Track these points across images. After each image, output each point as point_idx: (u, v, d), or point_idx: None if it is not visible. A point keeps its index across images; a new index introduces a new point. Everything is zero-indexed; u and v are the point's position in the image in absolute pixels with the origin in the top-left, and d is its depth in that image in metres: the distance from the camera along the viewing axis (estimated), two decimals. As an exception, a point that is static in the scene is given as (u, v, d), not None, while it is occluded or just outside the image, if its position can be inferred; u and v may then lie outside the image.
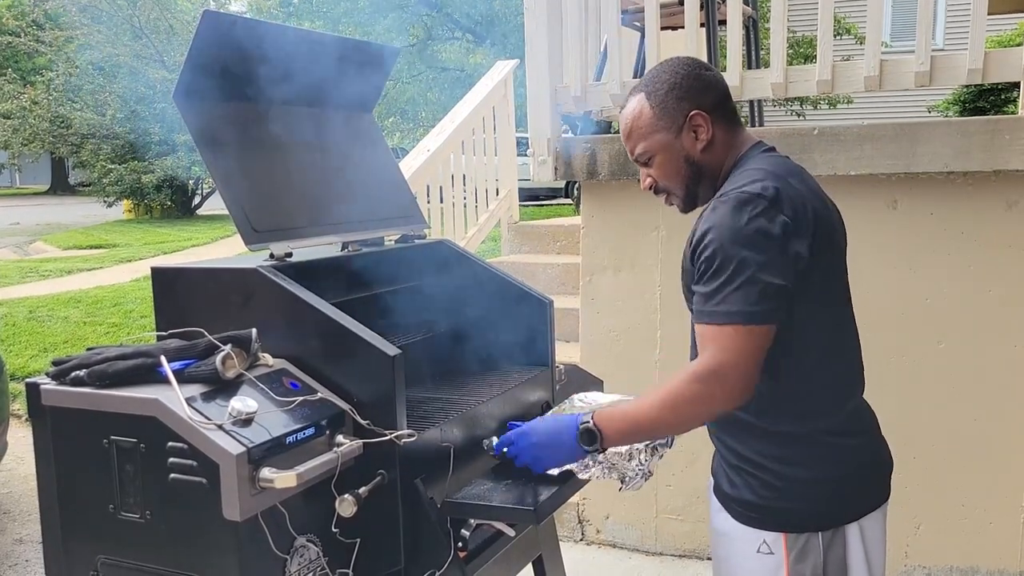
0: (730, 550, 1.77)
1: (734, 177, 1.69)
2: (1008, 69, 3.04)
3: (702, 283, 1.60)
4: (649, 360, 3.57)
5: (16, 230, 17.04)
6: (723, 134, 1.73)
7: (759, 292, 1.53)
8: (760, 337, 1.56)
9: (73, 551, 1.74)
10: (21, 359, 6.16)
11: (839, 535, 1.67)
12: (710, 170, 1.74)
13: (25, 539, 4.01)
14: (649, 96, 1.74)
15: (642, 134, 1.75)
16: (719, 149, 1.73)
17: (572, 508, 3.84)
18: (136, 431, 1.60)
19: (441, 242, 2.50)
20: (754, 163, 1.70)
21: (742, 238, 1.55)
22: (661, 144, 1.73)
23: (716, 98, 1.73)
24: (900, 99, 13.25)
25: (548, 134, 3.62)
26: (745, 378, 1.55)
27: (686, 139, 1.72)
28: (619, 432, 1.68)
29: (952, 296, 3.15)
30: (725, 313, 1.55)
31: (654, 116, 1.72)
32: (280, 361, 1.80)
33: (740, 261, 1.54)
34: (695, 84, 1.71)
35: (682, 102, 1.70)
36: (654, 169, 1.77)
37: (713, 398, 1.57)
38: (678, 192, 1.79)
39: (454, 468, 1.86)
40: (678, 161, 1.74)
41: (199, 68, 1.90)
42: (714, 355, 1.56)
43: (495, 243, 6.93)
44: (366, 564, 1.76)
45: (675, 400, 1.59)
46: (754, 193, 1.58)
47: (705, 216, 1.64)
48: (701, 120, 1.70)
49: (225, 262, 1.99)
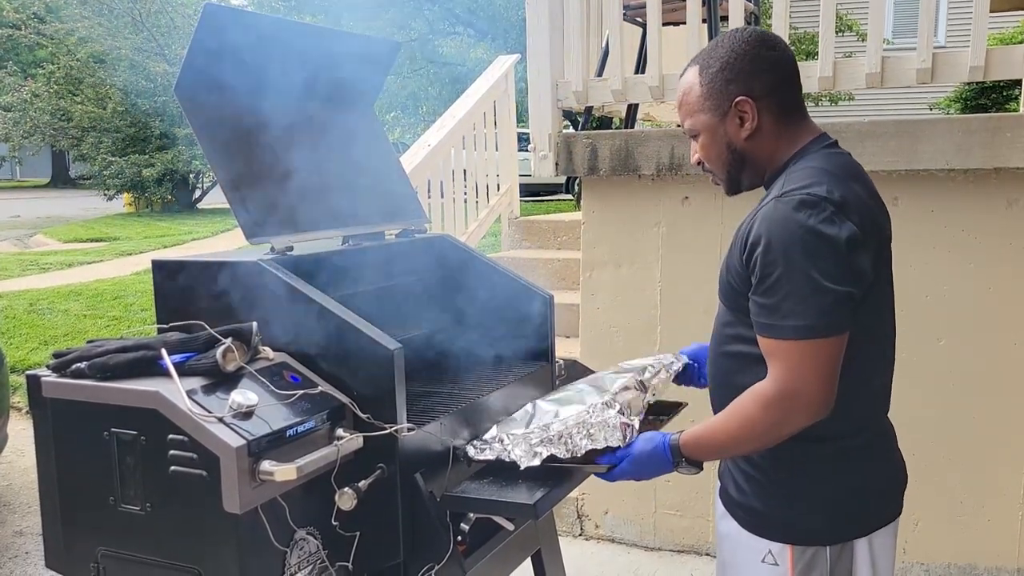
0: (735, 556, 1.72)
1: (791, 174, 1.59)
2: (1010, 67, 3.04)
3: (762, 293, 1.51)
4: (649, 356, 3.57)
5: (17, 223, 17.04)
6: (773, 124, 1.63)
7: (829, 303, 1.45)
8: (833, 348, 1.48)
9: (73, 543, 1.75)
10: (22, 352, 6.16)
11: (847, 549, 1.62)
12: (754, 159, 1.66)
13: (25, 531, 4.02)
14: (702, 72, 1.65)
15: (689, 111, 1.68)
16: (767, 139, 1.64)
17: (571, 503, 3.85)
18: (137, 423, 1.61)
19: (441, 237, 2.50)
20: (816, 160, 1.60)
21: (807, 244, 1.46)
22: (705, 125, 1.66)
23: (770, 84, 1.62)
24: (901, 96, 13.25)
25: (549, 129, 3.61)
26: (821, 394, 1.49)
27: (731, 124, 1.63)
28: (707, 454, 1.64)
29: (952, 293, 3.15)
30: (793, 328, 1.46)
31: (702, 95, 1.64)
32: (280, 355, 1.80)
33: (806, 269, 1.45)
34: (749, 66, 1.60)
35: (731, 84, 1.61)
36: (700, 148, 1.70)
37: (790, 421, 1.51)
38: (720, 175, 1.72)
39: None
40: (720, 145, 1.66)
41: (200, 62, 1.90)
42: (785, 375, 1.49)
43: (495, 238, 6.93)
44: (366, 557, 1.76)
45: (752, 427, 1.53)
46: (820, 196, 1.48)
47: (763, 215, 1.53)
48: (747, 107, 1.61)
49: (226, 255, 1.99)
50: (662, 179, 3.48)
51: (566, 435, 1.79)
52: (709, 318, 1.82)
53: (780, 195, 1.53)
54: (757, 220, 1.54)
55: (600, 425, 1.77)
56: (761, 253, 1.50)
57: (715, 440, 1.61)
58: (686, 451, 1.64)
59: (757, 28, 1.69)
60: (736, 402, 1.58)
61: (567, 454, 1.78)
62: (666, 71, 3.45)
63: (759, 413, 1.52)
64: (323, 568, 1.71)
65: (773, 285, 1.48)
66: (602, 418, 1.78)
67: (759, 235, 1.51)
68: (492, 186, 5.85)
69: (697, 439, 1.63)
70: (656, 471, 1.70)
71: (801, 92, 1.70)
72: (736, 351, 1.66)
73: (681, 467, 1.66)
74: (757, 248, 1.50)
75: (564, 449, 1.78)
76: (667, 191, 3.49)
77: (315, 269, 1.96)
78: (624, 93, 3.57)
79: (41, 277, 9.27)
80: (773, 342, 1.50)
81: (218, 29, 1.90)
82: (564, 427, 1.80)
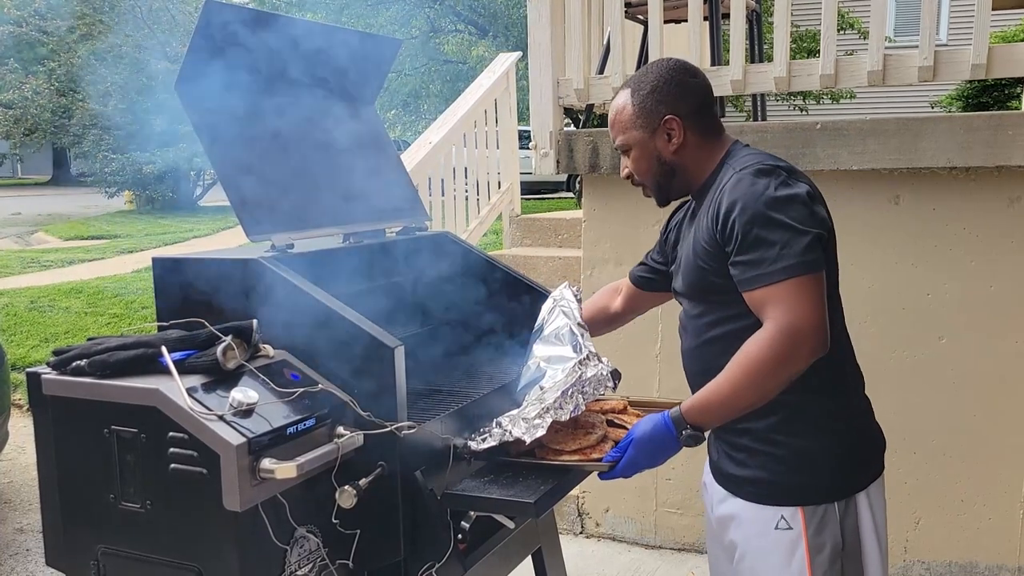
0: (745, 532, 1.77)
1: (736, 161, 1.76)
2: (1012, 65, 3.03)
3: (745, 251, 1.63)
4: (650, 354, 3.57)
5: (17, 220, 17.04)
6: (697, 139, 1.82)
7: (809, 242, 1.60)
8: (819, 283, 1.62)
9: (74, 540, 1.75)
10: (22, 349, 6.16)
11: (851, 504, 1.72)
12: (682, 170, 1.84)
13: (26, 528, 4.02)
14: (633, 94, 1.84)
15: (622, 128, 1.86)
16: (692, 152, 1.82)
17: (572, 501, 3.85)
18: (137, 421, 1.61)
19: (442, 235, 2.50)
20: (747, 152, 1.80)
21: (775, 201, 1.62)
22: (636, 140, 1.84)
23: (693, 106, 1.82)
24: (903, 94, 13.23)
25: (550, 127, 3.61)
26: (820, 327, 1.60)
27: (659, 140, 1.82)
28: (712, 418, 1.71)
29: (953, 291, 3.15)
30: (783, 269, 1.59)
31: (633, 114, 1.83)
32: (281, 352, 1.80)
33: (780, 220, 1.60)
34: (675, 90, 1.81)
35: (660, 105, 1.80)
36: (631, 162, 1.88)
37: (796, 357, 1.60)
38: (651, 186, 1.90)
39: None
40: (651, 159, 1.84)
41: (201, 59, 1.90)
42: (784, 313, 1.59)
43: (496, 236, 6.93)
44: (366, 555, 1.76)
45: (758, 369, 1.61)
46: (772, 165, 1.69)
47: (727, 190, 1.69)
48: (675, 125, 1.80)
49: (227, 253, 1.99)
50: (663, 177, 3.47)
51: (563, 400, 1.84)
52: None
53: (737, 171, 1.70)
54: (724, 193, 1.69)
55: (593, 380, 1.88)
56: (737, 216, 1.64)
57: (720, 396, 1.67)
58: (689, 417, 1.70)
59: (679, 59, 1.90)
60: (738, 355, 1.65)
61: (573, 412, 1.84)
62: (667, 69, 3.44)
63: (764, 353, 1.60)
64: (323, 566, 1.71)
65: (755, 241, 1.62)
66: (595, 372, 1.89)
67: (731, 203, 1.65)
68: (493, 184, 5.84)
69: (701, 402, 1.69)
70: (661, 450, 1.73)
71: (718, 113, 1.90)
72: (715, 335, 1.77)
73: (684, 438, 1.70)
74: (732, 215, 1.64)
75: (568, 411, 1.84)
76: (668, 189, 3.48)
77: (316, 266, 1.95)
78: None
79: (42, 274, 9.27)
80: (764, 289, 1.61)
81: (219, 26, 1.90)
82: (560, 393, 1.85)
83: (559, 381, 1.90)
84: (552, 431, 1.84)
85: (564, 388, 1.85)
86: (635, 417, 2.01)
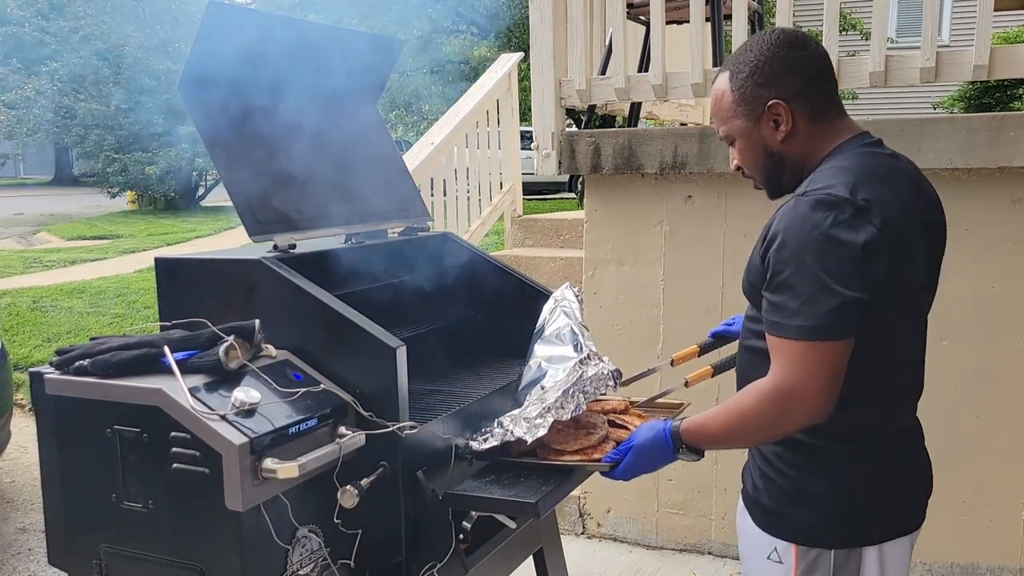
0: (749, 551, 1.74)
1: (818, 172, 1.58)
2: (1014, 66, 3.03)
3: (773, 290, 1.51)
4: (652, 354, 3.57)
5: (20, 220, 17.06)
6: (808, 123, 1.61)
7: (836, 306, 1.44)
8: (836, 353, 1.47)
9: (76, 540, 1.75)
10: (25, 349, 6.17)
11: (854, 556, 1.59)
12: (792, 161, 1.64)
13: (28, 528, 4.02)
14: (732, 78, 1.64)
15: (723, 117, 1.67)
16: (803, 140, 1.62)
17: (573, 501, 3.85)
18: (139, 421, 1.61)
19: (444, 235, 2.50)
20: (846, 160, 1.57)
21: (820, 245, 1.45)
22: (740, 131, 1.65)
23: (802, 83, 1.60)
24: (905, 95, 13.23)
25: (552, 128, 3.61)
26: (820, 397, 1.47)
27: (765, 129, 1.62)
28: (705, 445, 1.67)
29: (956, 293, 3.14)
30: (798, 328, 1.46)
31: (734, 101, 1.64)
32: (283, 352, 1.80)
33: (816, 270, 1.44)
34: (778, 68, 1.59)
35: (762, 88, 1.60)
36: (737, 153, 1.70)
37: (785, 421, 1.51)
38: (760, 179, 1.71)
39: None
40: (757, 150, 1.66)
41: (204, 59, 1.90)
42: (786, 373, 1.48)
43: (498, 236, 6.93)
44: (368, 555, 1.77)
45: (747, 423, 1.55)
46: (841, 197, 1.47)
47: (782, 213, 1.53)
48: (781, 110, 1.59)
49: (229, 253, 1.99)
50: (665, 178, 3.47)
51: (564, 399, 1.85)
52: (712, 316, 1.83)
53: (802, 193, 1.53)
54: (776, 217, 1.54)
55: (594, 379, 1.88)
56: (775, 250, 1.50)
57: (712, 430, 1.63)
58: (686, 437, 1.66)
59: (786, 28, 1.68)
60: (736, 395, 1.60)
61: (575, 412, 1.84)
62: (669, 69, 3.45)
63: (754, 408, 1.53)
64: (325, 566, 1.72)
65: (783, 283, 1.49)
66: (596, 371, 1.89)
67: (776, 232, 1.51)
68: (495, 184, 5.84)
69: (697, 426, 1.65)
70: (659, 459, 1.71)
71: (836, 89, 1.68)
72: (754, 345, 1.67)
73: (682, 454, 1.67)
74: (772, 244, 1.51)
75: (569, 410, 1.84)
76: (670, 190, 3.49)
77: (317, 267, 1.96)
78: (627, 91, 3.57)
79: (44, 274, 9.28)
80: (777, 340, 1.51)
81: (221, 26, 1.90)
82: (560, 392, 1.85)
83: (560, 380, 1.90)
84: (554, 431, 1.84)
85: (565, 387, 1.86)
86: (636, 417, 2.01)
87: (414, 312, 2.32)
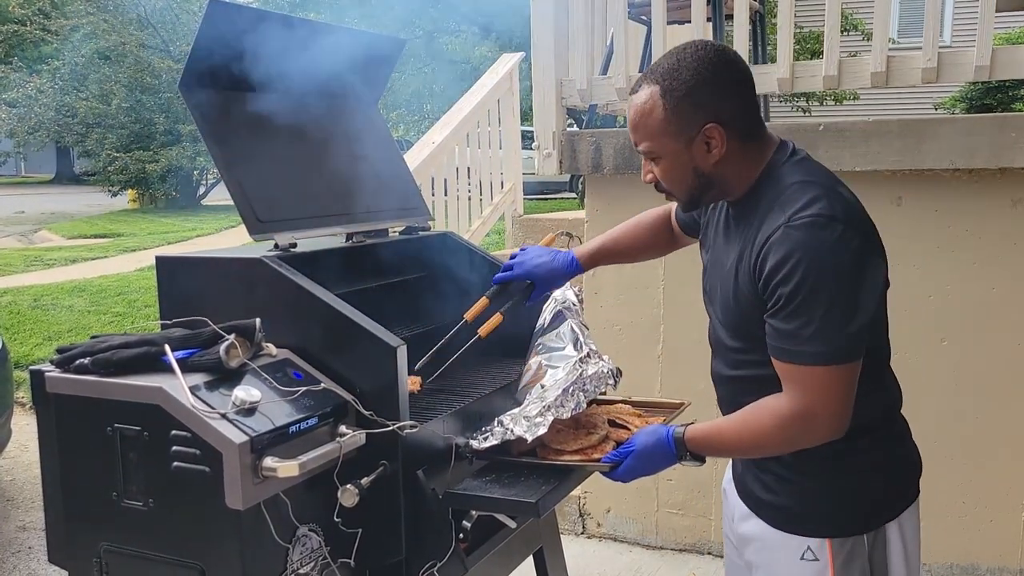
0: (769, 558, 1.71)
1: (788, 192, 1.54)
2: (1016, 66, 3.03)
3: (782, 318, 1.49)
4: (652, 354, 3.57)
5: (21, 219, 17.05)
6: (740, 144, 1.57)
7: (852, 332, 1.47)
8: (853, 372, 1.50)
9: (76, 538, 1.75)
10: (25, 347, 6.17)
11: (881, 534, 1.65)
12: (720, 181, 1.61)
13: (28, 526, 4.03)
14: (665, 94, 1.55)
15: (650, 133, 1.59)
16: (733, 162, 1.58)
17: (573, 501, 3.85)
18: (140, 419, 1.61)
19: (445, 234, 2.50)
20: (796, 174, 1.57)
21: (828, 272, 1.45)
22: (668, 149, 1.59)
23: (738, 108, 1.56)
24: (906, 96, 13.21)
25: (553, 127, 3.61)
26: (837, 416, 1.51)
27: (697, 150, 1.56)
28: (712, 454, 1.68)
29: (956, 293, 3.15)
30: (815, 354, 1.47)
31: (665, 119, 1.56)
32: (284, 351, 1.80)
33: (828, 300, 1.45)
34: (717, 90, 1.54)
35: (699, 110, 1.53)
36: (658, 169, 1.63)
37: (805, 440, 1.54)
38: (681, 196, 1.68)
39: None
40: (684, 170, 1.60)
41: (205, 58, 1.90)
42: (802, 398, 1.50)
43: (499, 236, 6.93)
44: (368, 554, 1.77)
45: (764, 440, 1.57)
46: (828, 216, 1.46)
47: (777, 242, 1.49)
48: (716, 134, 1.54)
49: (230, 252, 1.99)
50: (666, 178, 3.47)
51: (564, 397, 1.85)
52: (713, 317, 1.82)
53: (788, 222, 1.49)
54: (770, 248, 1.50)
55: (594, 378, 1.89)
56: (782, 279, 1.48)
57: (723, 443, 1.65)
58: (691, 446, 1.66)
59: (717, 44, 1.60)
60: (751, 412, 1.59)
61: (575, 410, 1.84)
62: (670, 69, 3.44)
63: (774, 430, 1.55)
64: (325, 565, 1.72)
65: (794, 312, 1.47)
66: (596, 370, 1.90)
67: (777, 262, 1.48)
68: (496, 184, 5.85)
69: (705, 437, 1.65)
70: (660, 464, 1.71)
71: (760, 108, 1.67)
72: (747, 375, 1.66)
73: (685, 460, 1.68)
74: (776, 275, 1.48)
75: (569, 409, 1.84)
76: (671, 190, 3.48)
77: (318, 266, 1.96)
78: (628, 91, 3.57)
79: (45, 273, 9.30)
80: (791, 366, 1.51)
81: (223, 25, 1.90)
82: (560, 391, 1.85)
83: (560, 379, 1.90)
84: (554, 431, 1.84)
85: (565, 386, 1.86)
86: (637, 417, 2.01)
87: (414, 311, 2.32)
